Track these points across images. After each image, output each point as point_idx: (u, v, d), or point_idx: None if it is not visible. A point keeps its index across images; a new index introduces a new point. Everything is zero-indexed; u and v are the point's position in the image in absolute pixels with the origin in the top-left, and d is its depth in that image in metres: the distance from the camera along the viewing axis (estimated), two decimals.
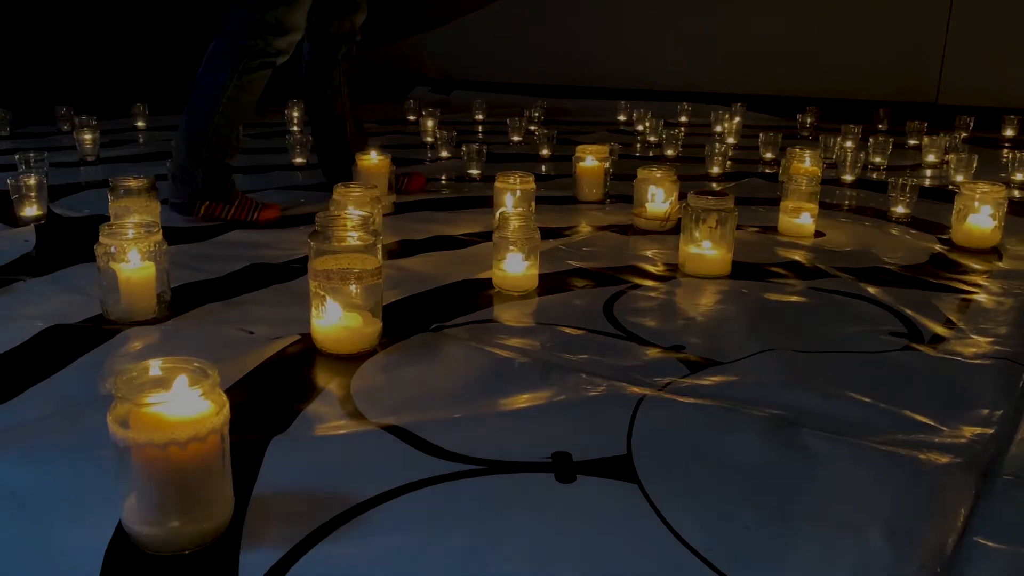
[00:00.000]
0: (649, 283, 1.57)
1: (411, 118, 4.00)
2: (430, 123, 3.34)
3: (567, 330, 1.31)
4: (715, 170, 2.69)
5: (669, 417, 1.02)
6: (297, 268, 1.58)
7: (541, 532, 0.78)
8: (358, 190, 1.63)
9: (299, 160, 2.74)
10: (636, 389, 1.09)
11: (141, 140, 3.34)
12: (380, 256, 1.18)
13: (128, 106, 3.66)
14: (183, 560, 0.73)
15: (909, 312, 1.42)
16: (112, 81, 4.45)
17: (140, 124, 3.57)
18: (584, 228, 2.00)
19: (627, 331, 1.31)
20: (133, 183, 1.64)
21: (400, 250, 1.76)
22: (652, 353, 1.23)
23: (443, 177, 2.64)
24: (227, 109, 1.93)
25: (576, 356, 1.20)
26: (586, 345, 1.25)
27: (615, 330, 1.32)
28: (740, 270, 1.63)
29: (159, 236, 1.32)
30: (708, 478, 0.88)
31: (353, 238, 1.16)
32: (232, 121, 1.95)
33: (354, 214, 1.26)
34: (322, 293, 1.15)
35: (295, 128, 3.52)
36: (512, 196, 1.85)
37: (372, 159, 2.05)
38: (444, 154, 2.98)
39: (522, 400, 1.06)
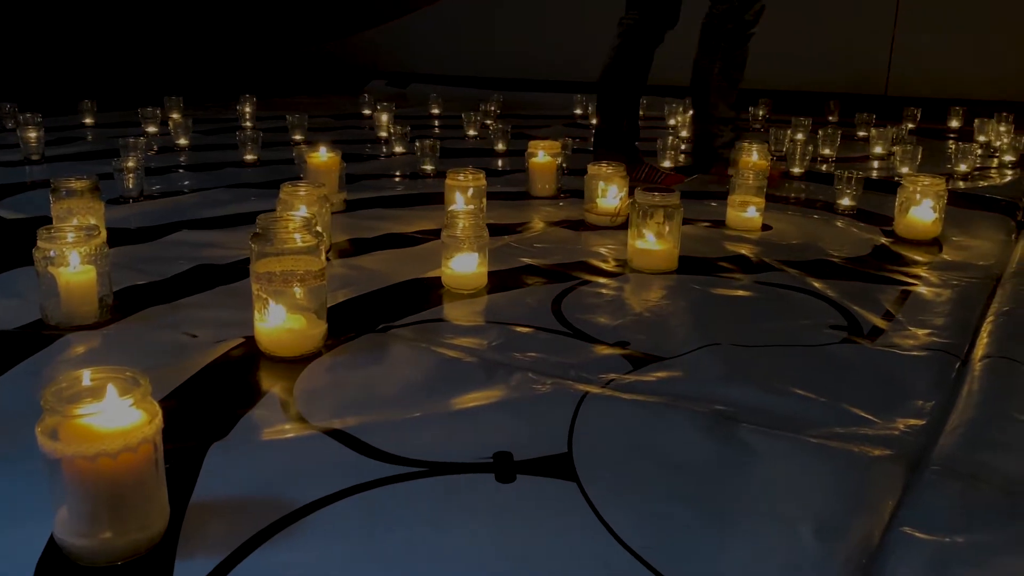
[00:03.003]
0: (599, 279, 1.58)
1: (366, 112, 3.97)
2: (384, 118, 3.33)
3: (515, 328, 1.32)
4: (667, 164, 2.71)
5: (610, 414, 1.03)
6: (243, 269, 1.57)
7: (479, 533, 0.79)
8: (305, 189, 1.62)
9: (250, 157, 2.71)
10: (580, 386, 1.10)
11: (89, 137, 3.28)
12: (323, 257, 1.18)
13: (76, 103, 3.59)
14: (117, 571, 0.72)
15: (850, 305, 1.45)
16: (59, 77, 4.36)
17: (88, 121, 3.51)
18: (537, 224, 2.01)
19: (574, 328, 1.32)
20: (75, 184, 1.61)
21: (351, 249, 1.75)
22: (598, 350, 1.24)
23: (396, 174, 2.63)
24: (719, 89, 2.45)
25: (523, 354, 1.21)
26: (533, 343, 1.26)
27: (563, 327, 1.33)
28: (687, 265, 1.65)
29: (100, 239, 1.30)
30: (646, 475, 0.89)
31: (296, 240, 1.16)
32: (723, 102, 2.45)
33: (297, 215, 1.25)
34: (265, 296, 1.14)
35: (247, 124, 3.48)
36: (463, 193, 1.85)
37: (321, 156, 2.03)
38: (398, 149, 2.96)
39: (466, 400, 1.06)
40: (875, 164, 2.93)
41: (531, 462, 0.91)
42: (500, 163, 2.85)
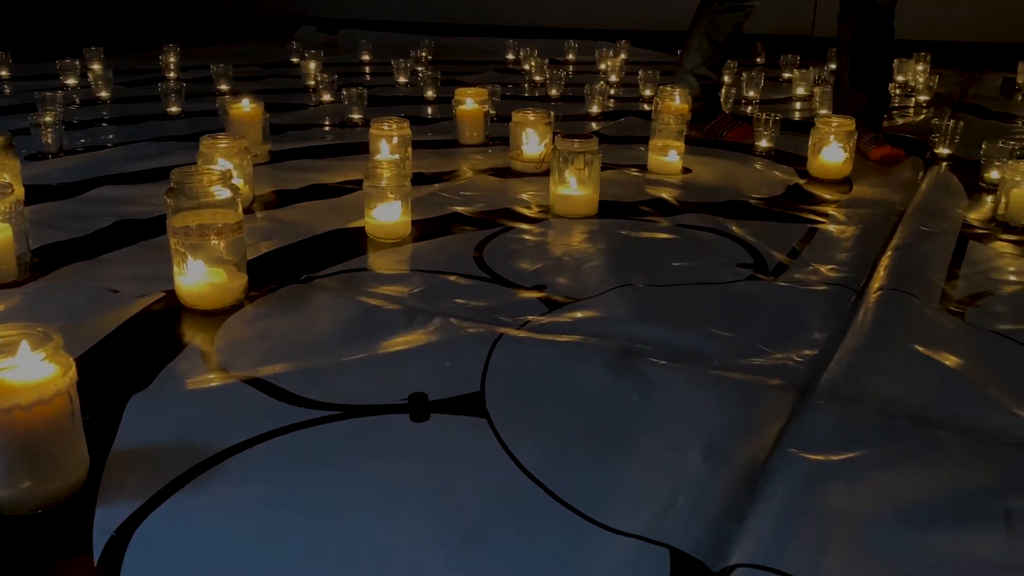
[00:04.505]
0: (522, 225, 1.62)
1: (294, 60, 3.91)
2: (312, 66, 3.28)
3: (438, 276, 1.35)
4: (595, 109, 2.74)
5: (523, 354, 1.08)
6: (166, 224, 1.56)
7: (391, 471, 0.83)
8: (225, 141, 1.61)
9: (174, 109, 2.66)
10: (498, 330, 1.14)
11: (7, 91, 3.17)
12: (241, 210, 1.19)
13: None
14: (37, 519, 0.75)
15: (760, 244, 1.51)
16: None
17: (3, 74, 3.38)
18: (465, 172, 2.03)
19: (495, 274, 1.36)
20: None
21: (275, 200, 1.76)
22: (518, 294, 1.28)
23: (324, 123, 2.61)
24: (699, 45, 2.38)
25: (445, 301, 1.25)
26: (455, 290, 1.29)
27: (484, 274, 1.37)
28: (608, 209, 1.70)
29: (15, 196, 1.29)
30: (552, 409, 0.95)
31: (212, 193, 1.17)
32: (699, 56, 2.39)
33: (212, 168, 1.26)
34: (183, 250, 1.16)
35: (170, 75, 3.40)
36: (387, 142, 1.86)
37: (243, 107, 2.02)
38: (326, 98, 2.94)
39: (385, 347, 1.10)
40: (797, 105, 3.00)
41: (445, 402, 0.96)
42: (430, 111, 2.85)
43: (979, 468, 0.85)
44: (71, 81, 3.10)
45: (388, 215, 1.51)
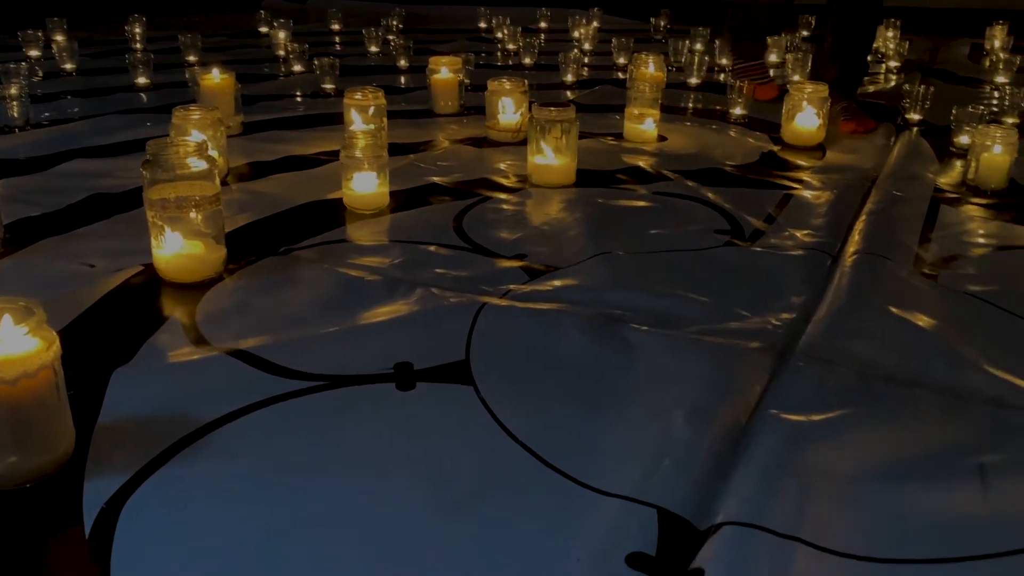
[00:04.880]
0: (500, 195, 1.62)
1: (263, 30, 3.84)
2: (282, 35, 3.23)
3: (418, 246, 1.35)
4: (569, 78, 2.73)
5: (506, 322, 1.08)
6: (141, 197, 1.54)
7: (380, 439, 0.84)
8: (198, 112, 1.59)
9: (142, 80, 2.61)
10: (479, 298, 1.14)
11: None
12: (218, 181, 1.18)
13: None
14: (26, 493, 0.75)
15: (736, 210, 1.52)
16: None
17: None
18: (441, 142, 2.02)
19: (475, 244, 1.36)
20: None
21: (249, 172, 1.74)
22: (498, 263, 1.29)
23: (296, 94, 2.58)
24: None
25: (425, 271, 1.25)
26: (435, 260, 1.30)
27: (464, 244, 1.37)
28: (585, 178, 1.70)
29: None
30: (537, 376, 0.96)
31: (188, 165, 1.15)
32: None
33: (188, 140, 1.24)
34: (160, 223, 1.15)
35: (137, 46, 3.33)
36: (362, 113, 1.85)
37: (214, 78, 1.99)
38: (297, 68, 2.90)
39: (368, 317, 1.10)
40: (771, 72, 3.01)
41: (430, 370, 0.96)
42: (403, 80, 2.82)
43: (954, 425, 0.87)
44: (34, 53, 3.03)
45: (365, 186, 1.50)
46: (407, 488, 0.77)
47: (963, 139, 1.93)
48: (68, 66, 2.84)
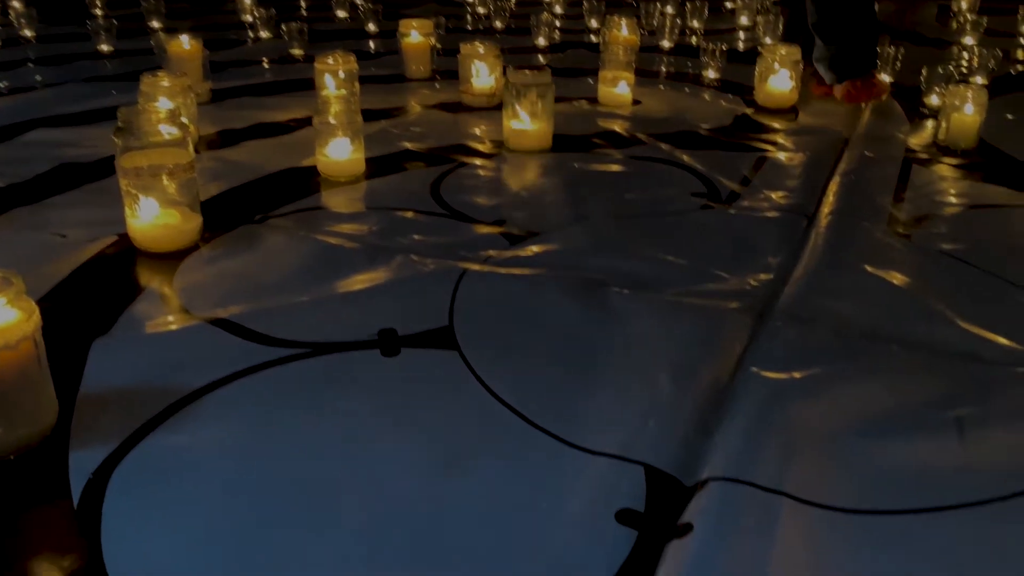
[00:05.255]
0: (476, 161, 1.61)
1: None
2: (247, 0, 3.16)
3: (396, 213, 1.34)
4: (541, 41, 2.71)
5: (488, 288, 1.08)
6: (109, 166, 1.51)
7: (368, 405, 0.84)
8: (167, 79, 1.56)
9: (104, 47, 2.55)
10: (460, 264, 1.14)
11: None
12: (192, 149, 1.16)
13: None
14: (10, 465, 0.74)
15: (711, 173, 1.53)
16: None
17: None
18: (413, 107, 2.00)
19: (453, 210, 1.36)
20: None
21: (220, 140, 1.71)
22: (477, 229, 1.28)
23: (264, 60, 2.54)
24: None
25: (404, 238, 1.24)
26: (414, 226, 1.29)
27: (442, 210, 1.36)
28: (561, 143, 1.69)
29: None
30: (521, 340, 0.96)
31: (161, 132, 1.13)
32: None
33: (160, 106, 1.22)
34: (134, 191, 1.13)
35: (98, 11, 3.25)
36: (334, 78, 1.82)
37: (183, 44, 1.95)
38: (264, 34, 2.84)
39: (350, 284, 1.09)
40: (741, 35, 3.01)
41: (414, 336, 0.96)
42: (373, 45, 2.78)
43: (930, 380, 0.89)
44: None
45: (340, 152, 1.48)
46: (396, 453, 0.77)
47: (933, 99, 1.95)
48: (27, 32, 2.76)
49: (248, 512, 0.69)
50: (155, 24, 2.93)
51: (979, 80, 2.16)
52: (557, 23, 2.93)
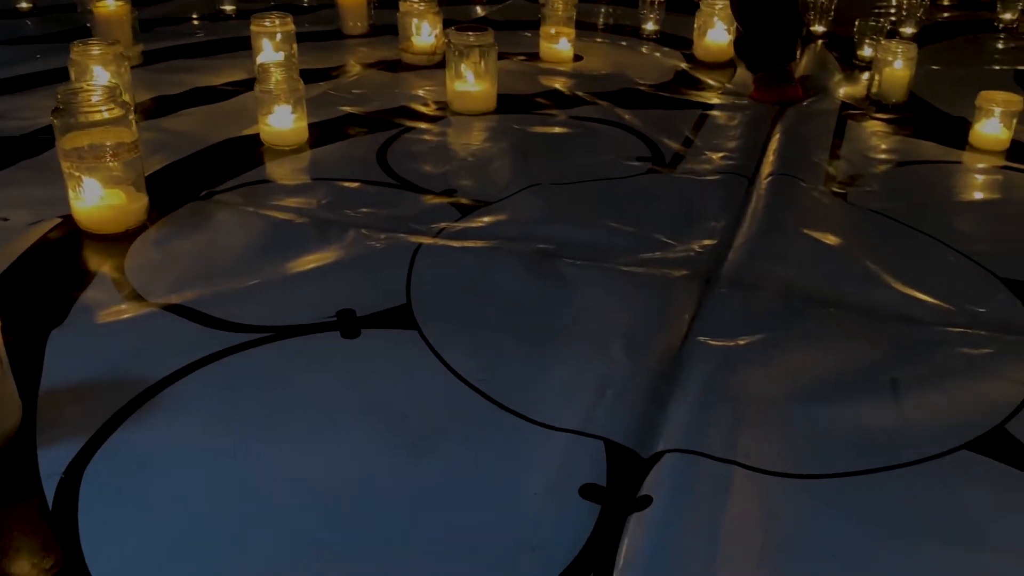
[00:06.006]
0: (421, 124, 1.61)
1: None
2: None
3: (343, 184, 1.34)
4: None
5: (443, 262, 1.10)
6: (45, 139, 1.47)
7: (332, 388, 0.86)
8: (98, 47, 1.51)
9: (24, 4, 2.43)
10: (413, 238, 1.15)
11: None
12: (135, 127, 1.14)
13: None
14: None
15: (654, 134, 1.55)
16: None
17: None
18: (353, 67, 1.97)
19: (401, 179, 1.36)
20: None
21: (156, 108, 1.67)
22: (427, 200, 1.29)
23: (193, 17, 2.46)
24: None
25: (354, 211, 1.24)
26: (363, 198, 1.29)
27: (390, 179, 1.36)
28: (506, 104, 1.70)
29: None
30: (478, 316, 0.98)
31: (102, 112, 1.11)
32: None
33: (99, 84, 1.19)
34: (77, 173, 1.10)
35: None
36: (271, 40, 1.78)
37: (109, 4, 1.88)
38: None
39: (304, 263, 1.10)
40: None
41: (373, 316, 0.98)
42: None
43: (867, 342, 0.95)
44: None
45: (283, 121, 1.47)
46: (361, 434, 0.79)
47: (866, 51, 1.99)
48: None
49: (221, 500, 0.71)
50: None
51: (908, 30, 2.21)
52: None
